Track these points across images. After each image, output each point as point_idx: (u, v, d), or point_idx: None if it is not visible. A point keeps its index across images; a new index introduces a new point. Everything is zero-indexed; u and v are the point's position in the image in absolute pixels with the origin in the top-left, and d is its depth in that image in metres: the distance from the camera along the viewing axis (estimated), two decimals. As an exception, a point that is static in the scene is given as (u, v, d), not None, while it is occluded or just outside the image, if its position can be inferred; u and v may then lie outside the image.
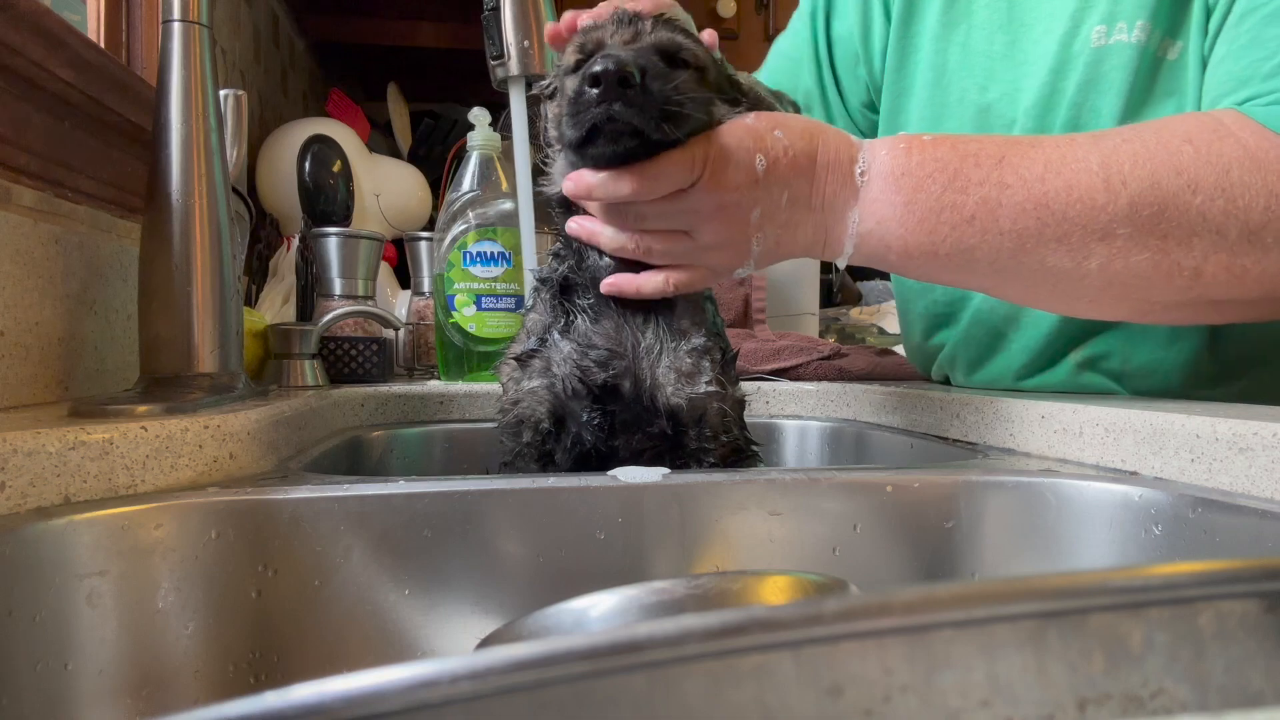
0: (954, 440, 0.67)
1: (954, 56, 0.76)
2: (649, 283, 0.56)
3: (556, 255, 0.61)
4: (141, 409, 0.49)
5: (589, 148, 0.52)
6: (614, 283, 0.56)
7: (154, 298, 0.60)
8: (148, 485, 0.45)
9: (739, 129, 0.54)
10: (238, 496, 0.44)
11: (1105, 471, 0.51)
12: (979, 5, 0.75)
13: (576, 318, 0.58)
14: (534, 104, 0.68)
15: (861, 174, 0.54)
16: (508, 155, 0.84)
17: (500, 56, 0.76)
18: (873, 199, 0.54)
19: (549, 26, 0.61)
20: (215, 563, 0.43)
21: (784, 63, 0.93)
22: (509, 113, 0.79)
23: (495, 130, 1.02)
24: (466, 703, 0.15)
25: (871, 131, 0.89)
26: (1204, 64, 0.61)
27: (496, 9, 0.76)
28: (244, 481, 0.48)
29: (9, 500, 0.39)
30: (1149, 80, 0.64)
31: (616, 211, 0.55)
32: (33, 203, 0.64)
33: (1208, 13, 0.61)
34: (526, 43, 0.75)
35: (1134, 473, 0.49)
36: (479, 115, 1.01)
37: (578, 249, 0.59)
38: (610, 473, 0.49)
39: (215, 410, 0.53)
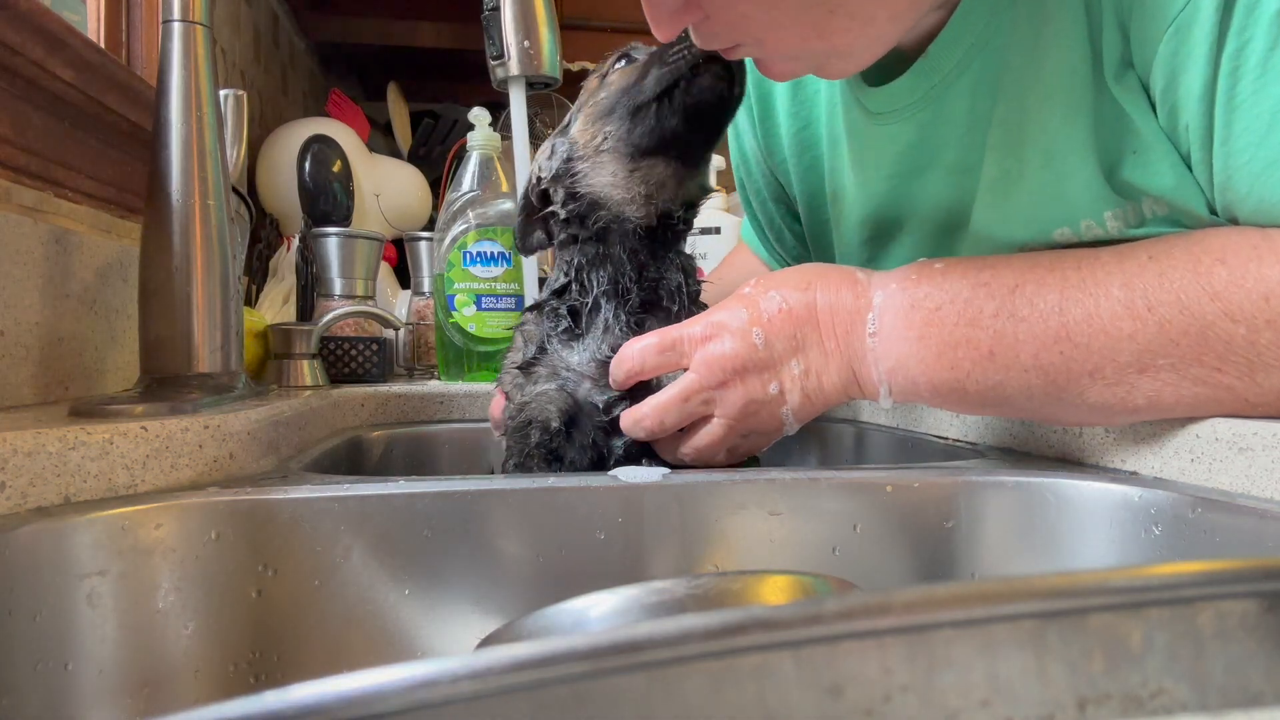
0: (954, 440, 0.67)
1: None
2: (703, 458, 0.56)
3: (557, 294, 0.61)
4: (141, 409, 0.49)
5: (688, 90, 0.53)
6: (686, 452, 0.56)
7: (154, 298, 0.60)
8: (148, 485, 0.45)
9: (731, 311, 0.53)
10: (238, 496, 0.44)
11: (1105, 471, 0.51)
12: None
13: (584, 330, 0.59)
14: (534, 104, 0.68)
15: (872, 316, 0.51)
16: (508, 155, 0.84)
17: (500, 56, 0.76)
18: (887, 335, 0.50)
19: None
20: (215, 563, 0.43)
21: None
22: (509, 113, 0.79)
23: (495, 130, 1.02)
24: (466, 703, 0.15)
25: None
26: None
27: (496, 9, 0.76)
28: (244, 481, 0.48)
29: (9, 500, 0.39)
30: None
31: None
32: (33, 203, 0.64)
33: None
34: (526, 43, 0.76)
35: (1134, 473, 0.49)
36: (479, 115, 1.01)
37: (582, 285, 0.60)
38: (610, 473, 0.49)
39: (215, 410, 0.53)
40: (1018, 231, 0.56)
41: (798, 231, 0.86)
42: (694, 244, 1.43)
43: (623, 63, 0.58)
